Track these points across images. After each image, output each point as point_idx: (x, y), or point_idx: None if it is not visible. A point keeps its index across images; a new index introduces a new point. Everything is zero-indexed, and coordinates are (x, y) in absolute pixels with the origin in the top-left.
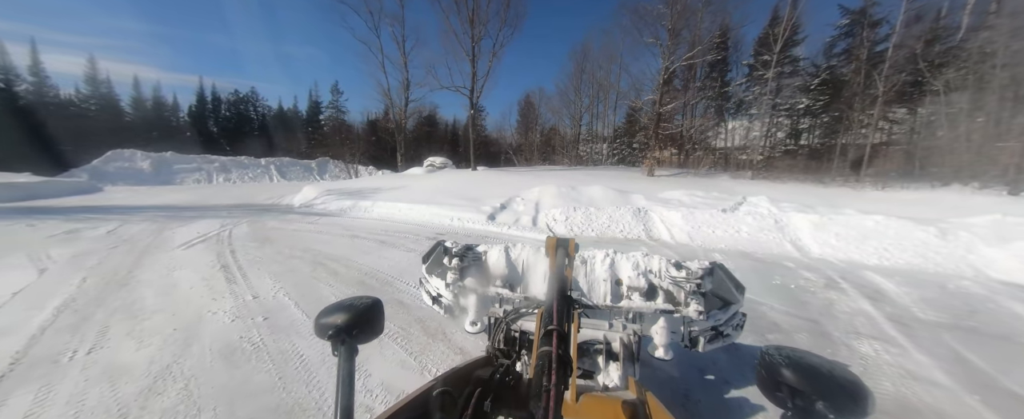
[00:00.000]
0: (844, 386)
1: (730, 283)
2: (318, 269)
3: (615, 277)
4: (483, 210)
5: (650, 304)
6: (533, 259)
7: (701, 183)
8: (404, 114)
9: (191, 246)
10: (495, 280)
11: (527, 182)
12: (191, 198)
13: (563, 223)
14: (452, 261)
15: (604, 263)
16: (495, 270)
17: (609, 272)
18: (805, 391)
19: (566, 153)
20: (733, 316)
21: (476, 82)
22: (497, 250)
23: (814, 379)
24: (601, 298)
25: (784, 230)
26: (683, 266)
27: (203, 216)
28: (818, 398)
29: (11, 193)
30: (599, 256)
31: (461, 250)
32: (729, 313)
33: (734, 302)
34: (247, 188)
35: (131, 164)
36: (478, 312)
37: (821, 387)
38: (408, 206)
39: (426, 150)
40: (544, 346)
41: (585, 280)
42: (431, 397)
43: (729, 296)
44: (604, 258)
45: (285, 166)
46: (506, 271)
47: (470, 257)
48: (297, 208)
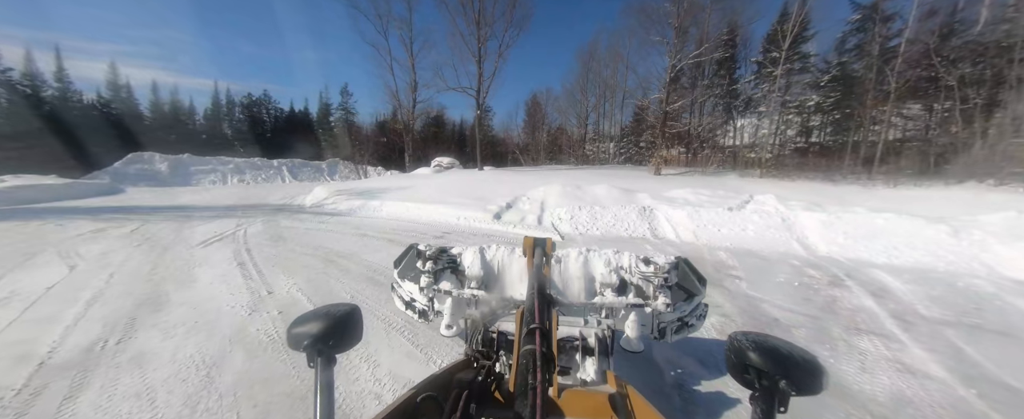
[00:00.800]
0: (802, 365)
1: (693, 276)
2: (329, 266)
3: (589, 275)
4: (489, 209)
5: (622, 299)
6: (508, 260)
7: (708, 182)
8: (412, 115)
9: (209, 244)
10: (471, 282)
11: (533, 182)
12: (207, 199)
13: (568, 222)
14: (426, 264)
15: (578, 261)
16: (470, 272)
17: (583, 270)
18: (769, 371)
19: (573, 152)
20: (697, 307)
21: (482, 83)
22: (472, 252)
23: (777, 360)
24: (576, 295)
25: (791, 228)
26: (651, 262)
27: (219, 216)
28: (781, 377)
29: (39, 194)
30: (573, 254)
31: (435, 253)
32: (693, 304)
33: (697, 294)
34: (260, 189)
35: (150, 166)
36: (453, 315)
37: (784, 367)
38: (416, 206)
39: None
40: (527, 345)
41: (560, 278)
42: (415, 403)
43: (693, 288)
44: (578, 256)
45: (297, 167)
46: (481, 273)
47: (444, 260)
48: (308, 208)
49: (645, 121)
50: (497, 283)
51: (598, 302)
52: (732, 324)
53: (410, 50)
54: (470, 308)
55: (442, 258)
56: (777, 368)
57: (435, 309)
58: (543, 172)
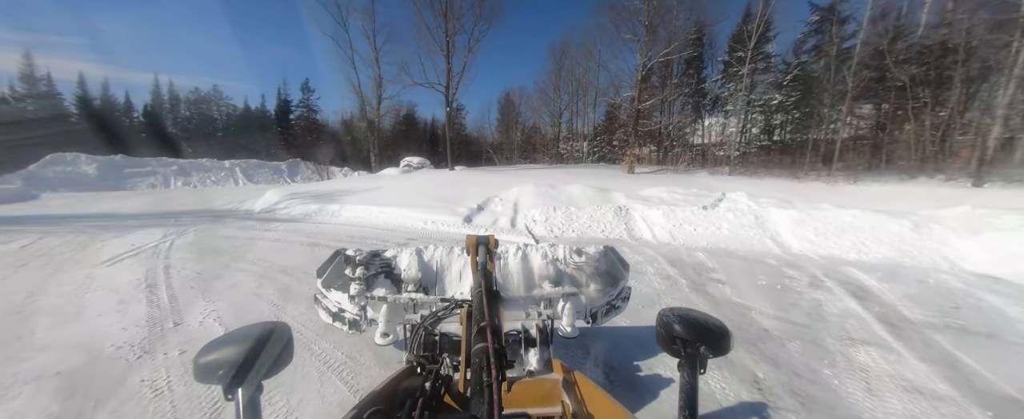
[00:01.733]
0: (715, 331)
1: (619, 263)
2: (265, 285)
3: (528, 269)
4: (459, 212)
5: (559, 289)
6: (448, 259)
7: (680, 180)
8: (378, 112)
9: (118, 261)
10: (408, 285)
11: (506, 182)
12: (139, 205)
13: (543, 224)
14: (356, 271)
15: (516, 257)
16: (408, 275)
17: (522, 265)
18: (691, 339)
19: (547, 152)
20: (621, 290)
21: (452, 79)
22: (408, 253)
23: (696, 329)
24: (516, 289)
25: (764, 226)
26: (583, 252)
27: (146, 225)
28: (701, 343)
29: None
30: (512, 250)
31: (366, 257)
32: (618, 288)
33: (622, 279)
34: (207, 192)
35: (74, 169)
36: (390, 322)
37: (701, 334)
38: (378, 209)
39: (404, 150)
40: (479, 343)
41: (500, 274)
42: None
43: (618, 274)
44: (516, 252)
45: (252, 168)
46: (420, 275)
47: (377, 264)
48: (257, 213)
49: (618, 120)
50: (437, 284)
51: (537, 294)
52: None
53: (373, 43)
54: (408, 313)
55: (375, 263)
56: (697, 336)
57: (368, 318)
58: (517, 171)
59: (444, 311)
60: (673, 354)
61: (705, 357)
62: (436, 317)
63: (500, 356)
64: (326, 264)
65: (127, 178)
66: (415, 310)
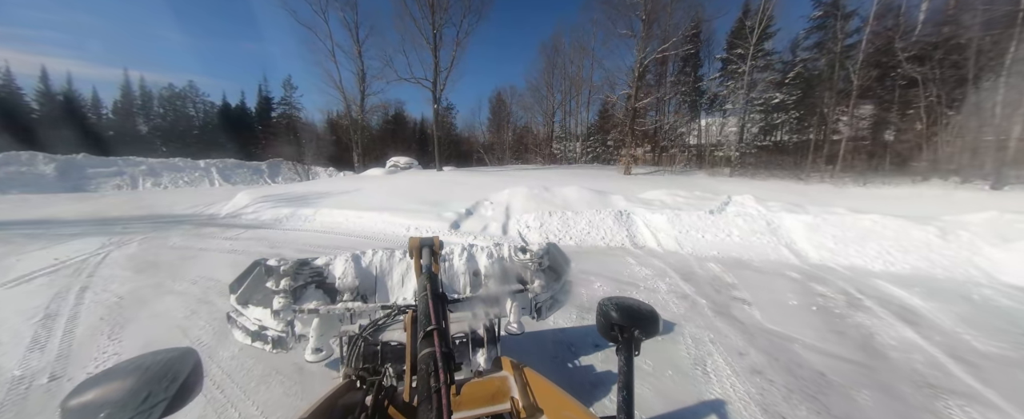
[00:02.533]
0: (647, 316)
1: (561, 258)
2: (200, 311)
3: (473, 269)
4: (446, 217)
5: (505, 287)
6: (388, 264)
7: (680, 181)
8: (361, 110)
9: (28, 281)
10: (344, 294)
11: (497, 183)
12: (91, 209)
13: (537, 230)
14: (280, 282)
15: (462, 257)
16: (343, 283)
17: (467, 265)
18: (626, 325)
19: (539, 152)
20: (564, 284)
21: (439, 74)
22: (343, 260)
23: (631, 315)
24: (462, 290)
25: (777, 233)
26: (527, 249)
27: (88, 233)
28: (635, 328)
29: None
30: (457, 250)
31: (292, 267)
32: (561, 282)
33: (564, 273)
34: (174, 195)
35: (31, 169)
36: (322, 336)
37: (635, 320)
38: (357, 214)
39: (392, 150)
40: (425, 348)
41: (445, 275)
42: None
43: (560, 269)
44: (462, 252)
45: (229, 169)
46: (357, 282)
47: (306, 273)
48: (222, 218)
49: (612, 119)
50: (377, 291)
51: (484, 294)
52: (775, 390)
53: (355, 35)
54: (345, 324)
55: (303, 272)
56: (631, 321)
57: (296, 334)
58: (509, 172)
59: (386, 318)
60: (612, 340)
61: (639, 340)
62: (377, 325)
63: (448, 359)
64: (242, 277)
65: (90, 179)
66: (352, 320)
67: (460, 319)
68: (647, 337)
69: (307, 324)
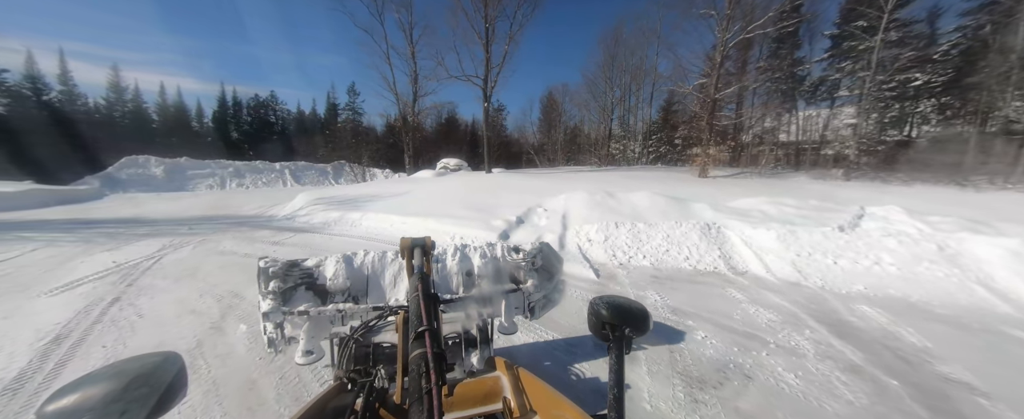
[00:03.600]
0: (637, 314)
1: (553, 257)
2: (206, 343)
3: (466, 269)
4: (494, 226)
5: (498, 287)
6: (380, 265)
7: (778, 186)
8: (413, 111)
9: (73, 287)
10: (335, 296)
11: (551, 187)
12: (176, 208)
13: (601, 245)
14: (269, 284)
15: (455, 257)
16: (334, 284)
17: (459, 265)
18: (617, 323)
19: (594, 152)
20: (557, 284)
21: (490, 71)
22: (334, 260)
23: (621, 314)
24: (455, 290)
25: (960, 263)
26: (520, 249)
27: (158, 233)
28: (625, 326)
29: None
30: (450, 250)
31: (282, 269)
32: (554, 281)
33: (557, 272)
34: (250, 195)
35: (145, 170)
36: (313, 338)
37: (626, 318)
38: (401, 219)
39: (444, 152)
40: (417, 350)
41: (437, 276)
42: None
43: (552, 268)
44: (454, 252)
45: (300, 170)
46: (348, 283)
47: (296, 275)
48: (278, 220)
49: (679, 114)
50: (369, 292)
51: (476, 293)
52: None
53: (409, 36)
54: (336, 325)
55: (293, 274)
56: (622, 320)
57: (286, 336)
58: (562, 175)
59: (377, 320)
60: (603, 339)
61: (630, 339)
62: (368, 327)
63: (440, 360)
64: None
65: (190, 179)
66: (343, 322)
67: (452, 319)
68: (638, 335)
69: (297, 326)
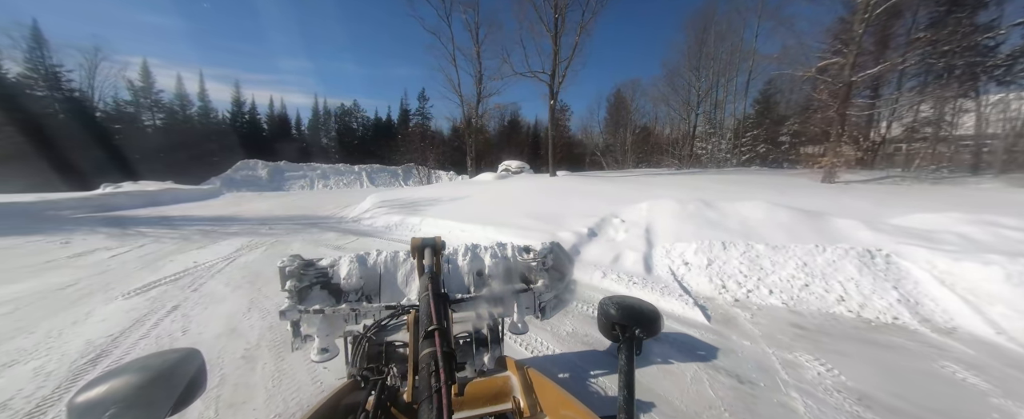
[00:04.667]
0: (648, 314)
1: (564, 257)
2: (255, 355)
3: (477, 268)
4: (562, 238)
5: (509, 287)
6: (393, 264)
7: (961, 196)
8: (476, 112)
9: (145, 291)
10: (349, 294)
11: (627, 193)
12: (266, 206)
13: (702, 271)
14: (286, 284)
15: (465, 257)
16: (348, 284)
17: (470, 265)
18: (627, 324)
19: (673, 152)
20: (569, 284)
21: (558, 65)
22: (348, 260)
23: (632, 314)
24: (466, 290)
25: None
26: (531, 249)
27: (242, 232)
28: (636, 326)
29: (132, 200)
30: (461, 250)
31: (298, 268)
32: (565, 281)
33: (568, 273)
34: (331, 195)
35: (253, 172)
36: (327, 336)
37: (636, 318)
38: (460, 226)
39: (506, 154)
40: (427, 348)
41: (448, 276)
42: None
43: (564, 268)
44: (465, 252)
45: (375, 173)
46: (361, 283)
47: (311, 274)
48: (346, 222)
49: (785, 105)
50: (382, 291)
51: (486, 293)
52: None
53: (475, 35)
54: (350, 324)
55: (308, 274)
56: (632, 320)
57: (302, 334)
58: (637, 178)
59: (389, 318)
60: (612, 339)
61: (640, 339)
62: (380, 326)
63: (449, 359)
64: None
65: (287, 180)
66: (357, 320)
67: (463, 319)
68: (648, 337)
69: (312, 324)
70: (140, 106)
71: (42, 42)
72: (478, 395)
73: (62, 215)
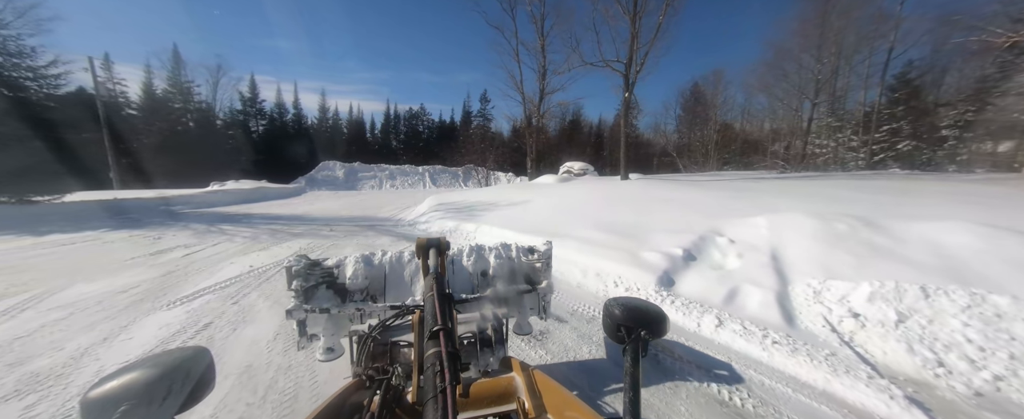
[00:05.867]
0: (655, 316)
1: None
2: (276, 384)
3: (481, 269)
4: (648, 262)
5: (513, 287)
6: (398, 264)
7: None
8: (538, 110)
9: (190, 301)
10: (354, 294)
11: (728, 203)
12: (334, 206)
13: (891, 331)
14: (292, 283)
15: (470, 258)
16: (354, 284)
17: (475, 265)
18: (633, 326)
19: (778, 151)
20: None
21: (636, 51)
22: (354, 261)
23: (637, 316)
24: (470, 290)
25: None
26: (535, 250)
27: (305, 234)
28: (641, 328)
29: (229, 197)
30: (466, 250)
31: (303, 268)
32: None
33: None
34: (395, 195)
35: (332, 173)
36: (333, 336)
37: (642, 320)
38: (516, 237)
39: (567, 155)
40: (432, 348)
41: (453, 276)
42: None
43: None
44: (470, 253)
45: (437, 173)
46: (366, 283)
47: (317, 274)
48: (403, 225)
49: (921, 94)
50: (387, 291)
51: (491, 294)
52: None
53: (540, 27)
54: (355, 323)
55: (314, 273)
56: (638, 322)
57: (308, 333)
58: (731, 183)
59: (394, 318)
60: (618, 341)
61: (646, 341)
62: (385, 326)
63: (454, 359)
64: None
65: (359, 180)
66: (362, 320)
67: (468, 319)
68: (654, 338)
69: (318, 324)
70: (247, 114)
71: (180, 62)
72: (482, 396)
73: (173, 210)
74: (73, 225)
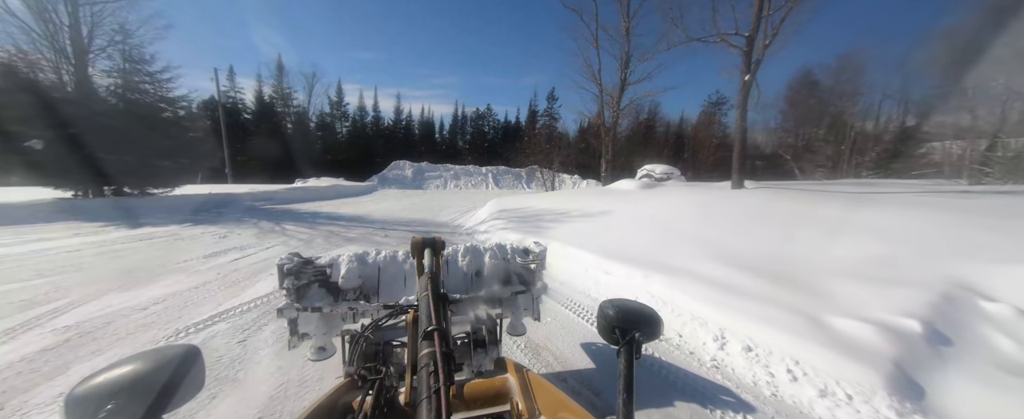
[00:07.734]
0: (648, 318)
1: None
2: None
3: (476, 270)
4: (851, 337)
5: (508, 288)
6: (392, 264)
7: None
8: (616, 104)
9: (199, 331)
10: (347, 294)
11: (968, 233)
12: (397, 206)
13: None
14: (284, 282)
15: (465, 258)
16: (347, 283)
17: (469, 266)
18: (627, 327)
19: (990, 154)
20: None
21: (769, 15)
22: (347, 259)
23: (631, 318)
24: (464, 290)
25: None
26: (529, 251)
27: (357, 238)
28: (635, 330)
29: (306, 194)
30: (461, 250)
31: (297, 266)
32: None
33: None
34: (457, 196)
35: (401, 172)
36: (325, 335)
37: (636, 322)
38: (601, 264)
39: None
40: (426, 348)
41: (447, 276)
42: None
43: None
44: (465, 253)
45: (500, 174)
46: (360, 282)
47: (310, 273)
48: (461, 233)
49: None
50: (381, 290)
51: (485, 294)
52: None
53: (627, 8)
54: (348, 323)
55: (306, 272)
56: (632, 324)
57: (299, 332)
58: (923, 199)
59: (387, 318)
60: (612, 342)
61: (640, 343)
62: (378, 325)
63: (448, 359)
64: None
65: (426, 179)
66: (355, 319)
67: (462, 320)
68: (648, 340)
69: (309, 323)
70: (334, 117)
71: (283, 71)
72: (476, 396)
73: (254, 205)
74: (166, 218)
